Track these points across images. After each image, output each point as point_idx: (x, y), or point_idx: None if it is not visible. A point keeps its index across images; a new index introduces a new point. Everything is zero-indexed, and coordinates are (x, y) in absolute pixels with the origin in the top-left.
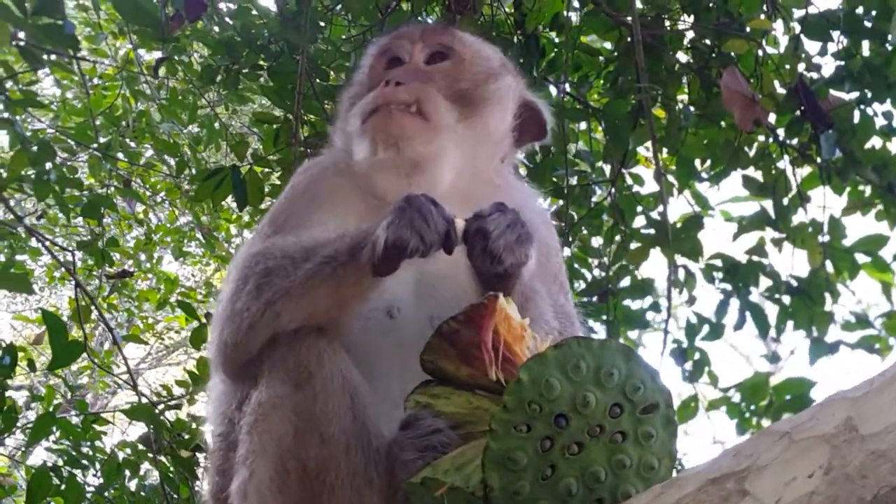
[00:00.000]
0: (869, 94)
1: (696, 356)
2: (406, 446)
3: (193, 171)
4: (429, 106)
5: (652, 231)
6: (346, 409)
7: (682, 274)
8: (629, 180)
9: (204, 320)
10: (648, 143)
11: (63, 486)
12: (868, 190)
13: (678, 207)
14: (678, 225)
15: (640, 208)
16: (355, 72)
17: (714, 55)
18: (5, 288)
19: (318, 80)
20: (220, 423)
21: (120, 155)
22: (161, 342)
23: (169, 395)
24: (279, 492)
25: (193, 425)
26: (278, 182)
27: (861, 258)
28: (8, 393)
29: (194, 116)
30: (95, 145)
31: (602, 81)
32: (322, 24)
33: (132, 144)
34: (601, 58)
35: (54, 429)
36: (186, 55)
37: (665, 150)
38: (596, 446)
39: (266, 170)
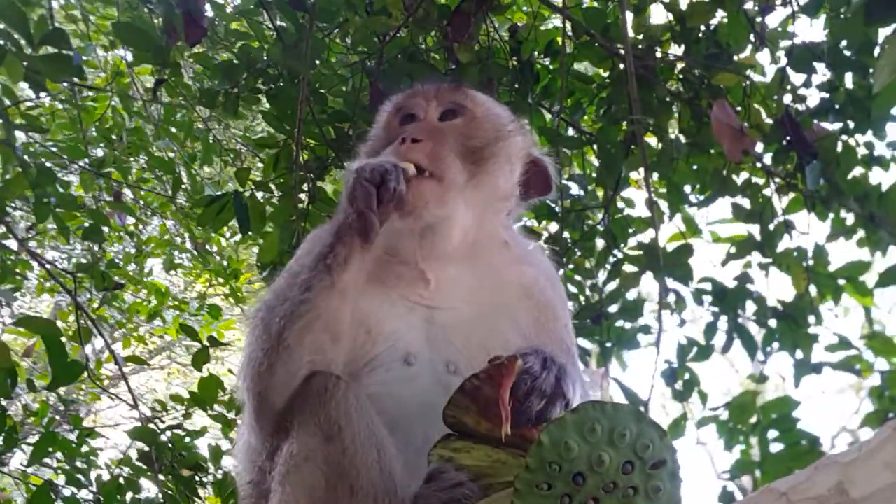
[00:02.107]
0: (851, 126)
1: (686, 376)
2: (431, 499)
3: (188, 187)
4: (441, 166)
5: (641, 253)
6: (374, 462)
7: (671, 297)
8: (620, 203)
9: (206, 343)
10: (640, 169)
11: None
12: (850, 217)
13: (668, 229)
14: (669, 250)
15: (631, 229)
16: (371, 129)
17: (704, 86)
18: None
19: (317, 106)
20: (250, 471)
21: (112, 169)
22: (144, 346)
23: (163, 409)
24: None
25: (192, 443)
26: (278, 204)
27: (844, 282)
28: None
29: (190, 133)
30: (87, 160)
31: (594, 108)
32: (320, 48)
33: (124, 158)
34: (594, 85)
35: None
36: (185, 76)
37: (656, 175)
38: (610, 501)
39: (267, 194)
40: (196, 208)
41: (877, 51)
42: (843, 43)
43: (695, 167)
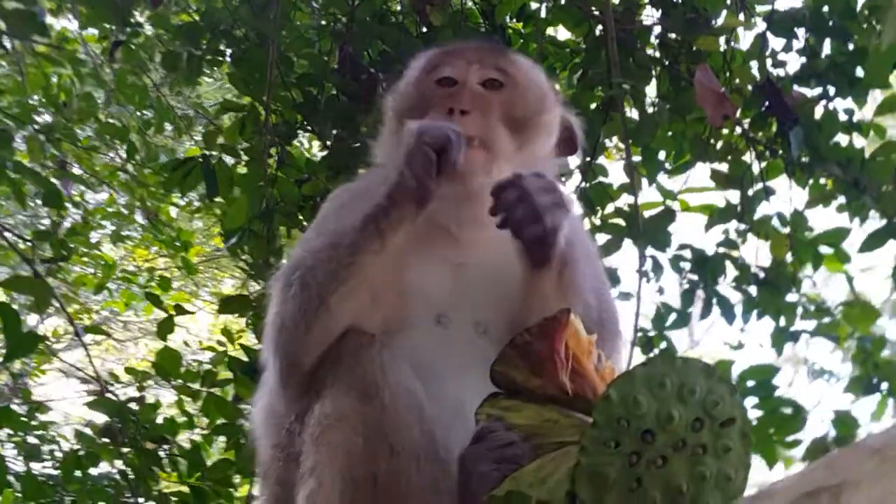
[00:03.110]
0: (832, 91)
1: (663, 344)
2: (481, 458)
3: (142, 155)
4: (494, 139)
5: (621, 221)
6: (415, 421)
7: (648, 264)
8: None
9: (173, 312)
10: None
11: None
12: (829, 184)
13: (645, 196)
14: (649, 217)
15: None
16: (399, 82)
17: (683, 51)
18: None
19: (284, 68)
20: (276, 434)
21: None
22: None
23: (116, 381)
24: (349, 502)
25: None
26: (245, 171)
27: (824, 250)
28: None
29: (145, 99)
30: (37, 126)
31: (568, 73)
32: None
33: (72, 125)
34: (568, 49)
35: None
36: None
37: (631, 142)
38: (679, 460)
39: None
40: (149, 176)
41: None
42: (825, 8)
43: (670, 133)
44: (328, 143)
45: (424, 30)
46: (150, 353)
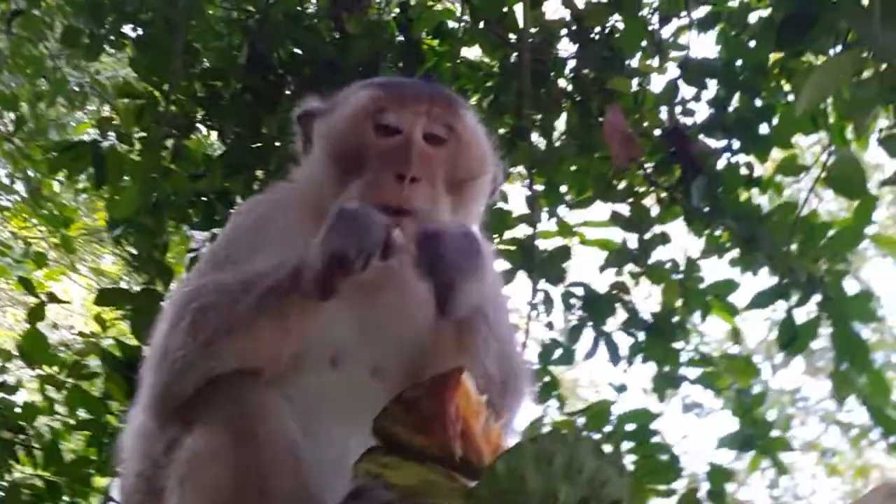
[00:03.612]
0: (736, 145)
1: (547, 378)
2: None
3: (31, 127)
4: (433, 208)
5: (515, 249)
6: (289, 470)
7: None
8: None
9: (44, 298)
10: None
11: None
12: (725, 236)
13: (542, 225)
14: (546, 250)
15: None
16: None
17: (596, 88)
18: None
19: (189, 58)
20: (140, 462)
21: None
22: None
23: None
24: None
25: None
26: (138, 159)
27: (712, 299)
28: None
29: (40, 69)
30: None
31: (479, 96)
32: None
33: None
34: (481, 73)
35: None
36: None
37: (533, 172)
38: None
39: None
40: (35, 149)
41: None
42: (738, 62)
43: (574, 168)
44: (227, 140)
45: (338, 35)
46: (17, 322)
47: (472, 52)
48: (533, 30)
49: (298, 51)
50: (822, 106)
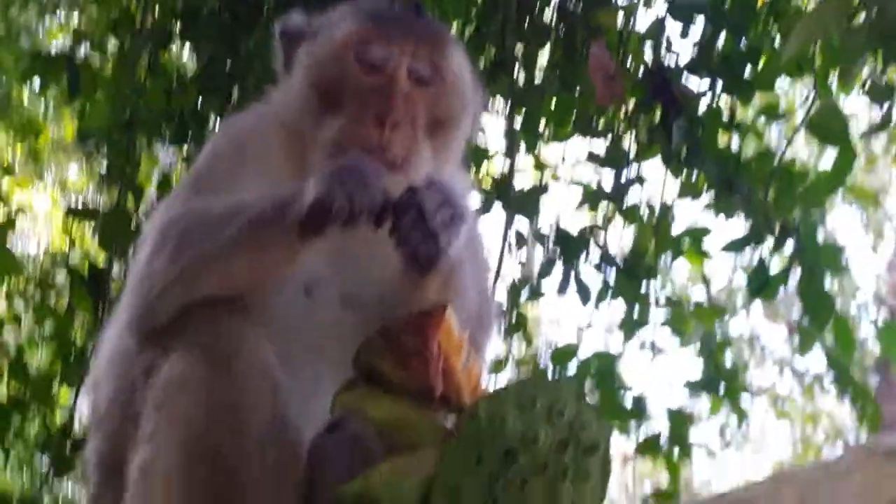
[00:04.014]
0: (719, 87)
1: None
2: (331, 450)
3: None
4: (415, 153)
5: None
6: (266, 401)
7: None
8: None
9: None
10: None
11: None
12: (702, 179)
13: (519, 159)
14: (521, 187)
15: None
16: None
17: (581, 23)
18: None
19: None
20: (116, 383)
21: None
22: None
23: None
24: (186, 477)
25: None
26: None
27: (686, 243)
28: None
29: None
30: None
31: (461, 25)
32: None
33: None
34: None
35: None
36: None
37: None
38: (538, 483)
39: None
40: (4, 55)
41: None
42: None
43: (554, 103)
44: (203, 58)
45: None
46: None
47: None
48: None
49: None
50: (809, 51)
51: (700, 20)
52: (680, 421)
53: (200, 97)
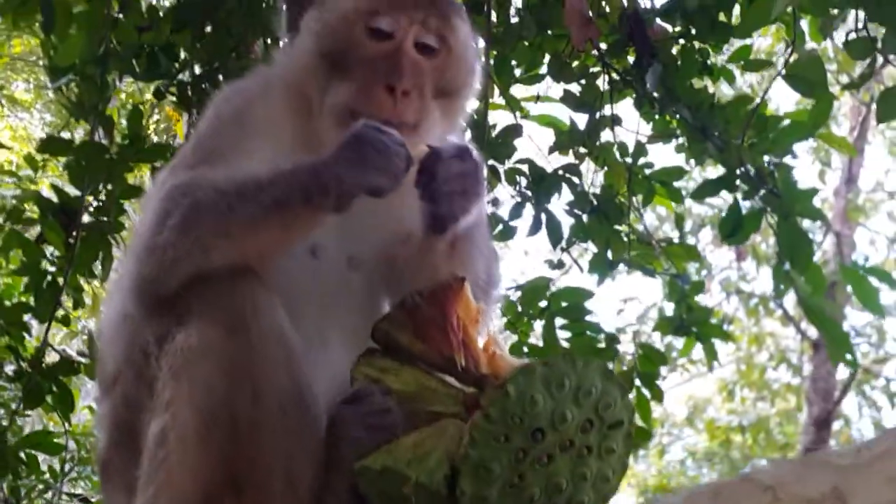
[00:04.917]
0: (693, 31)
1: None
2: (354, 422)
3: None
4: (425, 119)
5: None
6: (283, 366)
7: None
8: None
9: None
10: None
11: None
12: (674, 123)
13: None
14: (497, 131)
15: None
16: None
17: None
18: None
19: None
20: (124, 347)
21: None
22: None
23: None
24: (204, 443)
25: None
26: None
27: (658, 185)
28: None
29: None
30: None
31: None
32: None
33: None
34: None
35: None
36: None
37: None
38: (564, 459)
39: None
40: None
41: None
42: None
43: (527, 44)
44: None
45: None
46: None
47: None
48: None
49: None
50: None
51: None
52: (653, 360)
53: (173, 33)
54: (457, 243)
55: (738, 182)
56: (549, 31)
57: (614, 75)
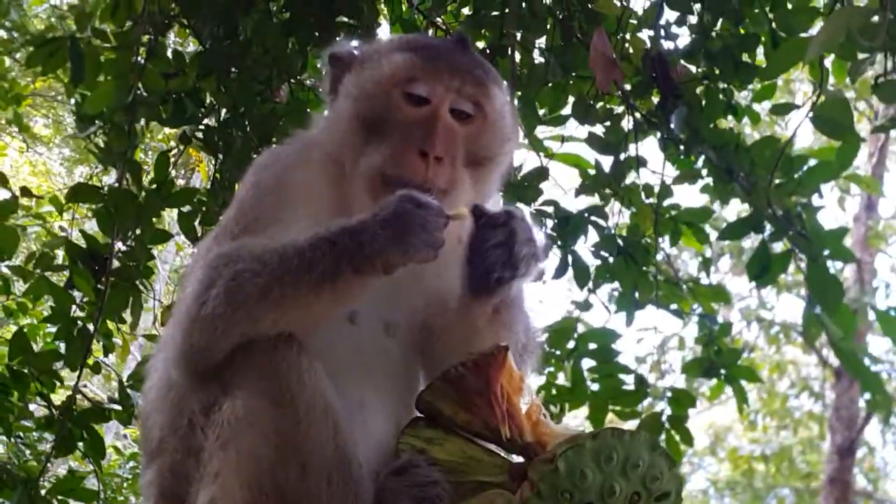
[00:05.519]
0: (717, 71)
1: None
2: (401, 494)
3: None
4: (457, 185)
5: None
6: (329, 438)
7: None
8: None
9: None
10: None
11: None
12: (700, 163)
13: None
14: (523, 170)
15: None
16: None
17: (580, 8)
18: None
19: None
20: (176, 421)
21: None
22: None
23: None
24: None
25: None
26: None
27: (684, 226)
28: None
29: None
30: None
31: (457, 6)
32: None
33: None
34: None
35: None
36: None
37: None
38: None
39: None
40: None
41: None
42: None
43: (551, 86)
44: (203, 40)
45: None
46: None
47: None
48: None
49: None
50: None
51: (696, 7)
52: (683, 402)
53: (199, 79)
54: (502, 307)
55: (765, 223)
56: (574, 73)
57: (638, 116)
